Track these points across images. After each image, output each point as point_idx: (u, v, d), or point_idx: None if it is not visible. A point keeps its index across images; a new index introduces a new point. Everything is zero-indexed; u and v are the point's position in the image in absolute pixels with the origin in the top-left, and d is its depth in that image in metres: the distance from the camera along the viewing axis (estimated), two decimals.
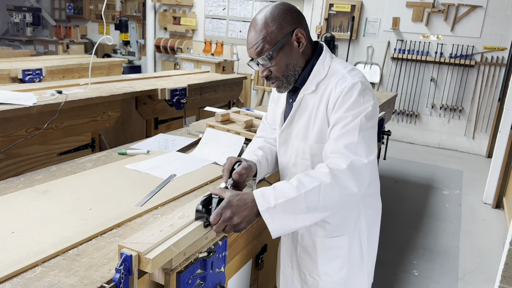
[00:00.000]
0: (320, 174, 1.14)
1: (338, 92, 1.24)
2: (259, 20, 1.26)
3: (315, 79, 1.31)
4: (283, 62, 1.27)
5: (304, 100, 1.34)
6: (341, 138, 1.19)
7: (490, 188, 4.11)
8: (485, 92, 5.78)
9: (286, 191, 1.11)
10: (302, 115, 1.35)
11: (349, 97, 1.22)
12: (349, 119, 1.20)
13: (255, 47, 1.26)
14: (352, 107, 1.21)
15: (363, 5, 6.21)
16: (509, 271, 1.82)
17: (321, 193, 1.11)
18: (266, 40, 1.24)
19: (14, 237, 1.10)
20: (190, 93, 3.86)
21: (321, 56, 1.33)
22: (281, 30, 1.25)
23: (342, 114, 1.22)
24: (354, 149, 1.17)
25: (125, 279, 0.93)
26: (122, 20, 6.86)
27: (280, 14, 1.25)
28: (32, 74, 3.72)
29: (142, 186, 1.48)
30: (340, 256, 1.41)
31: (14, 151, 2.48)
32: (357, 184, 1.13)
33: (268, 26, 1.24)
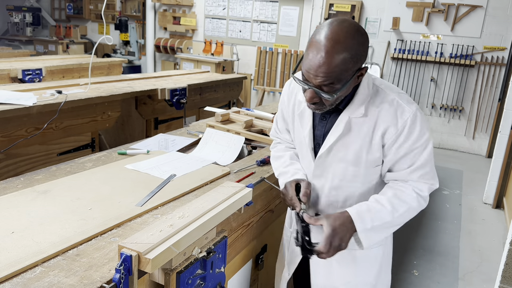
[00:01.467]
0: (409, 199, 1.28)
1: (400, 124, 1.24)
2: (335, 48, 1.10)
3: (361, 102, 1.26)
4: (341, 96, 1.21)
5: (352, 123, 1.27)
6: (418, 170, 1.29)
7: (490, 188, 4.11)
8: (485, 92, 5.78)
9: (382, 215, 1.26)
10: (352, 140, 1.29)
11: (413, 129, 1.24)
12: (418, 150, 1.27)
13: (321, 79, 1.13)
14: (418, 138, 1.25)
15: (363, 5, 6.21)
16: (509, 271, 1.82)
17: (407, 216, 1.30)
18: (337, 78, 1.13)
19: (14, 237, 1.10)
20: (190, 93, 3.86)
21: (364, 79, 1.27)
22: (354, 68, 1.15)
23: (411, 146, 1.26)
24: (429, 178, 1.30)
25: (125, 279, 0.93)
26: (122, 20, 6.87)
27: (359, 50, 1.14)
28: (32, 74, 3.72)
29: (142, 186, 1.48)
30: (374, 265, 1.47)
31: (14, 151, 2.48)
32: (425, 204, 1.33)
33: (346, 64, 1.12)
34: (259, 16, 6.87)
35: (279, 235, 2.11)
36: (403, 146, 1.26)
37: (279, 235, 2.11)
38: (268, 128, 2.21)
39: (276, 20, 6.75)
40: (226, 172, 1.69)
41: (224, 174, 1.67)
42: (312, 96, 1.19)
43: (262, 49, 6.86)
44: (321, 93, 1.16)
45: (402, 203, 1.27)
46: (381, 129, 1.25)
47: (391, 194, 1.28)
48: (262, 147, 2.13)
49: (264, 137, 2.18)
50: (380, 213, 1.25)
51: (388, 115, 1.24)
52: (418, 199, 1.28)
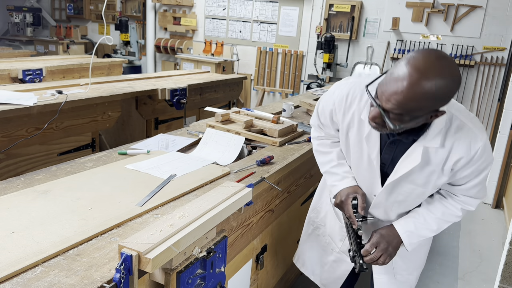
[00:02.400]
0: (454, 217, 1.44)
1: (472, 153, 1.27)
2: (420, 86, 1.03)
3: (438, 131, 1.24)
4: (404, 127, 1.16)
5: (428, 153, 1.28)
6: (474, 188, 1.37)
7: (489, 188, 4.11)
8: (485, 92, 5.78)
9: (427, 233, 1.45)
10: (424, 167, 1.32)
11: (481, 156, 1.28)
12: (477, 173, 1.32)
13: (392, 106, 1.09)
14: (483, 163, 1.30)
15: (363, 5, 6.21)
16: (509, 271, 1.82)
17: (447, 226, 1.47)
18: (409, 113, 1.10)
19: (14, 237, 1.10)
20: (190, 93, 3.86)
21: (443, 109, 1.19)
22: (430, 111, 1.11)
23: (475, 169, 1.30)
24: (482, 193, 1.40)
25: (125, 279, 0.93)
26: (122, 20, 6.87)
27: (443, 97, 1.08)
28: (32, 74, 3.72)
29: (142, 186, 1.48)
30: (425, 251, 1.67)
31: (14, 151, 2.48)
32: None
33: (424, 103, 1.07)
34: (259, 16, 6.87)
35: (279, 235, 2.11)
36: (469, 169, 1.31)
37: (279, 235, 2.12)
38: (268, 128, 2.21)
39: (276, 20, 6.75)
40: (226, 172, 1.69)
41: (224, 174, 1.68)
42: (376, 116, 1.16)
43: (262, 49, 6.86)
44: (385, 118, 1.11)
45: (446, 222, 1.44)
46: (454, 158, 1.28)
47: (440, 213, 1.42)
48: (262, 147, 2.14)
49: (264, 137, 2.18)
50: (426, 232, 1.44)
51: (463, 146, 1.26)
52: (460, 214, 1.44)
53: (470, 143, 1.26)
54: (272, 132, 2.18)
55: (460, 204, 1.41)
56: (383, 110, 1.12)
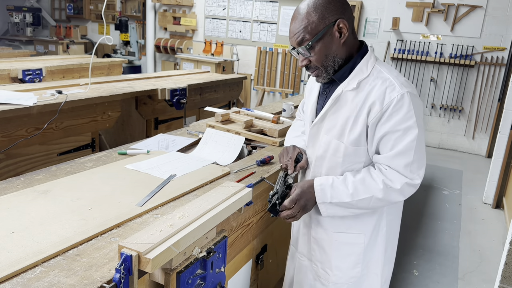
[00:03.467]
0: (375, 188, 1.28)
1: (387, 101, 1.23)
2: (301, 9, 1.25)
3: (357, 77, 1.30)
4: (323, 52, 1.26)
5: (343, 96, 1.32)
6: (397, 157, 1.26)
7: (490, 188, 4.11)
8: (485, 92, 5.78)
9: (341, 195, 1.31)
10: (339, 112, 1.33)
11: (399, 108, 1.23)
12: (400, 133, 1.24)
13: (296, 37, 1.26)
14: (403, 120, 1.23)
15: (363, 5, 6.21)
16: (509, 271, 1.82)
17: (371, 204, 1.31)
18: (306, 30, 1.24)
19: (14, 237, 1.10)
20: (190, 93, 3.86)
21: (366, 56, 1.32)
22: (323, 21, 1.23)
23: (393, 127, 1.24)
24: (410, 168, 1.27)
25: (125, 279, 0.93)
26: (122, 20, 6.87)
27: (322, 4, 1.24)
28: (32, 74, 3.72)
29: (142, 186, 1.48)
30: (355, 253, 1.43)
31: (14, 151, 2.48)
32: (403, 197, 1.32)
33: (310, 16, 1.23)
34: (259, 16, 6.87)
35: (279, 235, 2.11)
36: (385, 125, 1.25)
37: (279, 235, 2.11)
38: (268, 128, 2.21)
39: (276, 20, 6.75)
40: (226, 172, 1.69)
41: (224, 174, 1.68)
42: (302, 59, 1.30)
43: (262, 49, 6.86)
44: (299, 50, 1.27)
45: (366, 190, 1.29)
46: (368, 105, 1.26)
47: (360, 177, 1.31)
48: (262, 147, 2.13)
49: (264, 137, 2.18)
50: (340, 193, 1.31)
51: (378, 92, 1.26)
52: (385, 191, 1.28)
53: (385, 89, 1.25)
54: (272, 132, 2.18)
55: (383, 175, 1.28)
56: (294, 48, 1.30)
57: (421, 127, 1.26)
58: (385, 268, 1.49)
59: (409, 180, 1.28)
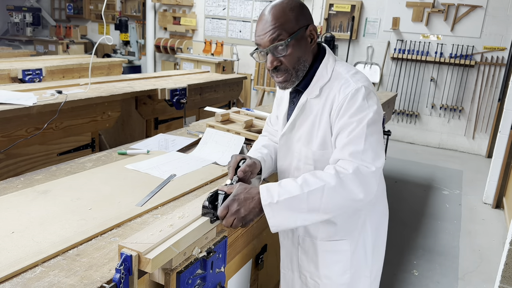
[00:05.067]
0: (326, 176, 1.14)
1: (341, 98, 1.22)
2: (275, 7, 1.22)
3: (318, 83, 1.29)
4: (296, 53, 1.23)
5: (307, 104, 1.31)
6: (348, 146, 1.18)
7: (490, 188, 4.11)
8: (485, 92, 5.78)
9: (290, 188, 1.13)
10: (306, 120, 1.32)
11: (353, 103, 1.20)
12: (353, 125, 1.18)
13: (270, 33, 1.20)
14: (356, 112, 1.19)
15: (363, 5, 6.21)
16: (509, 271, 1.82)
17: (324, 195, 1.12)
18: (283, 27, 1.20)
19: (14, 237, 1.10)
20: (190, 93, 3.85)
21: (324, 59, 1.30)
22: (298, 22, 1.22)
23: (346, 120, 1.20)
24: (360, 155, 1.15)
25: (125, 279, 0.93)
26: (122, 20, 6.86)
27: (297, 6, 1.23)
28: (32, 74, 3.72)
29: (142, 186, 1.48)
30: (342, 260, 1.39)
31: (14, 151, 2.48)
32: (362, 190, 1.13)
33: (286, 15, 1.21)
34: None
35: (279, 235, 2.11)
36: (340, 120, 1.22)
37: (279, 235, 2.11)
38: None
39: None
40: (226, 172, 1.69)
41: (224, 174, 1.68)
42: (272, 60, 1.23)
43: None
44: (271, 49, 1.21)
45: (316, 179, 1.13)
46: (327, 106, 1.26)
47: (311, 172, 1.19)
48: None
49: None
50: (288, 188, 1.13)
51: (334, 91, 1.25)
52: (338, 177, 1.12)
53: (340, 87, 1.24)
54: None
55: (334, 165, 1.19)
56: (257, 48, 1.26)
57: (376, 119, 1.20)
58: (373, 269, 1.47)
59: (363, 164, 1.14)
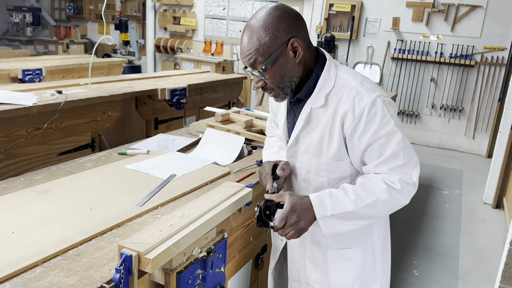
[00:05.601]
0: (378, 189, 1.18)
1: (358, 112, 1.17)
2: (252, 27, 1.16)
3: (323, 91, 1.23)
4: (278, 74, 1.19)
5: (313, 114, 1.26)
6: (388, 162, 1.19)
7: (490, 188, 4.11)
8: (485, 92, 5.78)
9: (344, 203, 1.18)
10: (313, 131, 1.27)
11: (373, 116, 1.17)
12: (382, 140, 1.18)
13: (247, 58, 1.18)
14: (380, 126, 1.17)
15: (363, 5, 6.21)
16: (509, 271, 1.82)
17: (376, 208, 1.20)
18: (258, 52, 1.15)
19: (14, 237, 1.10)
20: (190, 93, 3.85)
21: (326, 66, 1.25)
22: (275, 41, 1.14)
23: (373, 136, 1.17)
24: (403, 170, 1.19)
25: (125, 279, 0.93)
26: (122, 20, 6.86)
27: (273, 23, 1.14)
28: (32, 74, 3.71)
29: (142, 186, 1.48)
30: (353, 268, 1.37)
31: (14, 151, 2.48)
32: (407, 198, 1.22)
33: (261, 37, 1.14)
34: None
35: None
36: (364, 136, 1.18)
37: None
38: None
39: None
40: (226, 172, 1.69)
41: (224, 174, 1.67)
42: (256, 81, 1.23)
43: None
44: (252, 72, 1.20)
45: (369, 193, 1.18)
46: (339, 118, 1.21)
47: (359, 183, 1.21)
48: (262, 147, 2.13)
49: (264, 137, 2.17)
50: (342, 202, 1.17)
51: (346, 102, 1.19)
52: (389, 191, 1.17)
53: (353, 99, 1.18)
54: None
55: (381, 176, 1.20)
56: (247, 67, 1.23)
57: (401, 127, 1.21)
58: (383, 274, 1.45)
59: (407, 178, 1.19)
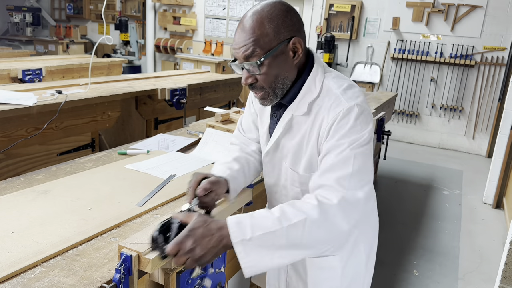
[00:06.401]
0: (307, 207, 0.99)
1: (331, 118, 1.08)
2: (253, 17, 1.07)
3: (306, 99, 1.14)
4: (273, 72, 1.09)
5: (294, 121, 1.18)
6: (334, 170, 1.04)
7: (490, 188, 4.11)
8: (485, 92, 5.78)
9: (265, 222, 0.95)
10: (292, 139, 1.19)
11: (345, 123, 1.06)
12: (342, 147, 1.05)
13: (243, 49, 1.07)
14: (347, 134, 1.06)
15: (363, 5, 6.20)
16: (509, 271, 1.82)
17: (306, 229, 0.96)
18: (258, 43, 1.06)
19: (14, 237, 1.10)
20: (190, 93, 3.85)
21: (313, 71, 1.15)
22: (278, 35, 1.06)
23: (335, 142, 1.06)
24: (347, 182, 1.02)
25: (125, 279, 0.93)
26: (122, 20, 6.86)
27: (279, 16, 1.06)
28: (32, 74, 3.71)
29: (142, 186, 1.48)
30: (332, 277, 1.27)
31: (14, 151, 2.48)
32: (347, 221, 1.00)
33: (263, 27, 1.05)
34: None
35: None
36: (329, 142, 1.08)
37: None
38: None
39: None
40: None
41: None
42: (246, 76, 1.11)
43: None
44: (244, 65, 1.09)
45: (296, 211, 0.98)
46: (316, 127, 1.13)
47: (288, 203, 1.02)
48: None
49: None
50: (264, 221, 0.96)
51: (324, 110, 1.11)
52: (320, 208, 0.98)
53: (330, 106, 1.10)
54: None
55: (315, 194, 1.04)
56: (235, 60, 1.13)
57: (369, 140, 1.08)
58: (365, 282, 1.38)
59: (348, 192, 1.01)
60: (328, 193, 1.02)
